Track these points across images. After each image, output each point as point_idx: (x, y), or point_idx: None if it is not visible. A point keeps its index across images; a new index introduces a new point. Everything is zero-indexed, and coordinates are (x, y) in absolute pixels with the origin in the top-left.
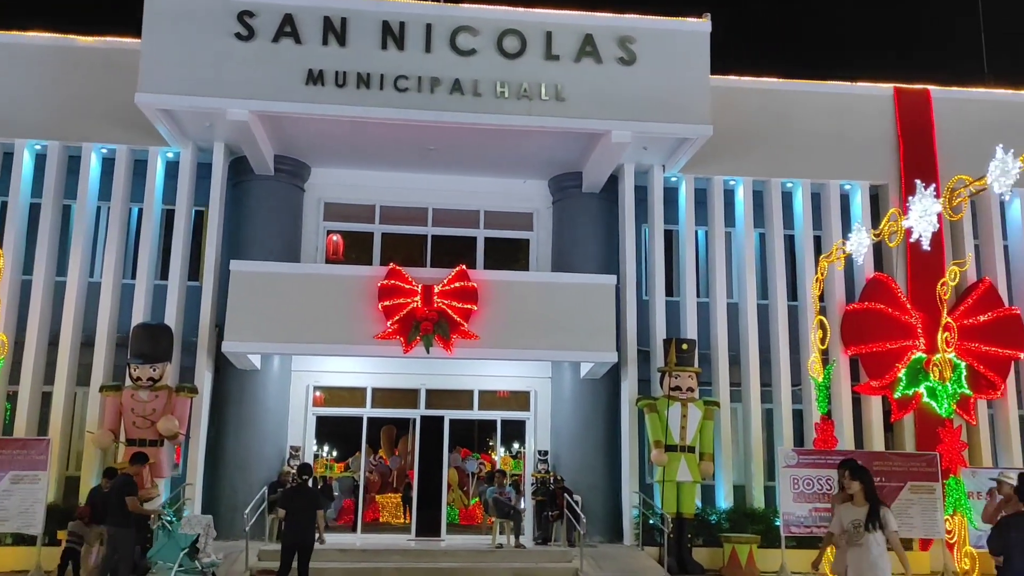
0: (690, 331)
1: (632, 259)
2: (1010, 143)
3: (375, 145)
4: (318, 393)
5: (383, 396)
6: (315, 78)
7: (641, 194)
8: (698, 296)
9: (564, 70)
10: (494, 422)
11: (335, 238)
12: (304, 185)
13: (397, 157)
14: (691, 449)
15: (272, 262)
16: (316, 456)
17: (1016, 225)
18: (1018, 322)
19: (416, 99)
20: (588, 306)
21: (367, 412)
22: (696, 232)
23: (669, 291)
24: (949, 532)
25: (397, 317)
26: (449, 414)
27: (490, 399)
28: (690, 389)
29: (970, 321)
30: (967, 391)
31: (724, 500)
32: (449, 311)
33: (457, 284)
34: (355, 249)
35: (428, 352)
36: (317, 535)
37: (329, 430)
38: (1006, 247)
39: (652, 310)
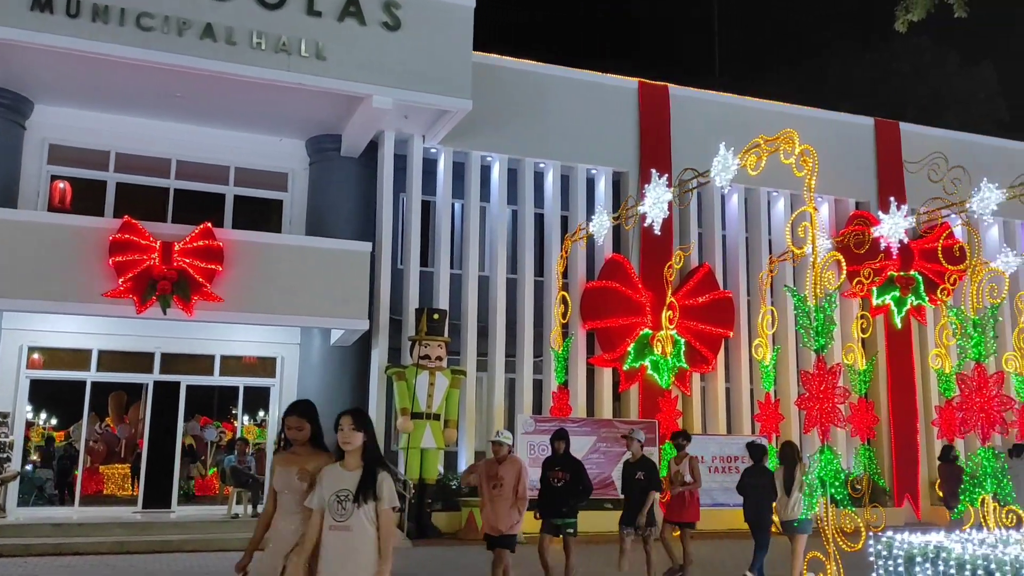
0: (442, 301)
1: (388, 227)
2: (732, 142)
3: (112, 85)
4: (35, 355)
5: (111, 359)
6: (42, 4)
7: (400, 163)
8: (451, 267)
9: (326, 28)
10: (237, 389)
11: (62, 185)
12: (25, 123)
13: (138, 101)
14: (436, 416)
15: None
16: (30, 424)
17: (733, 216)
18: (730, 304)
19: (161, 40)
20: (341, 272)
21: (91, 376)
22: (452, 204)
23: (424, 261)
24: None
25: (130, 274)
26: (186, 380)
27: (233, 365)
28: (439, 358)
29: (690, 302)
30: (684, 365)
31: (466, 466)
32: (190, 271)
33: (201, 242)
34: (86, 198)
35: (165, 313)
36: None
37: (47, 395)
38: (724, 236)
39: (406, 279)
